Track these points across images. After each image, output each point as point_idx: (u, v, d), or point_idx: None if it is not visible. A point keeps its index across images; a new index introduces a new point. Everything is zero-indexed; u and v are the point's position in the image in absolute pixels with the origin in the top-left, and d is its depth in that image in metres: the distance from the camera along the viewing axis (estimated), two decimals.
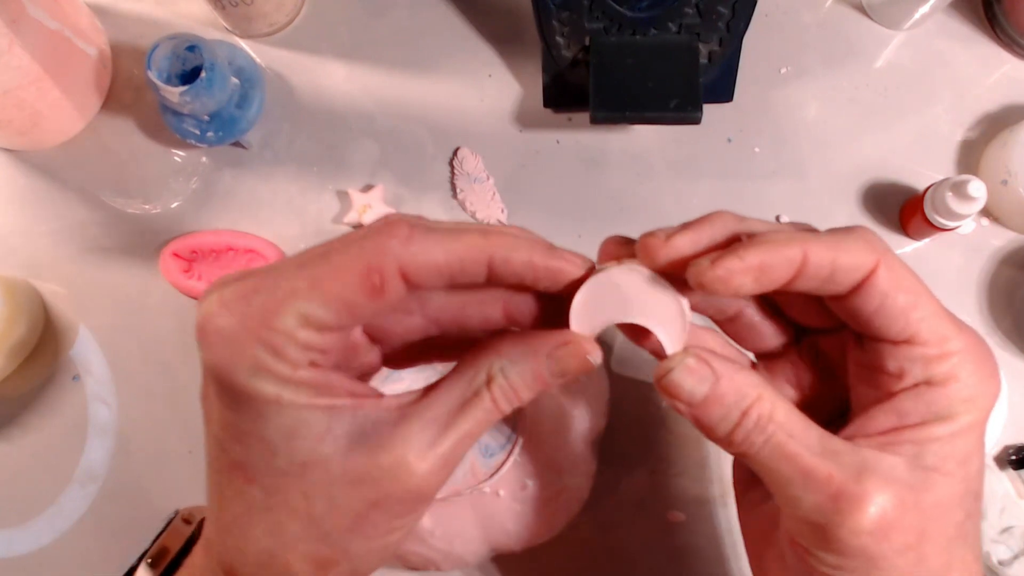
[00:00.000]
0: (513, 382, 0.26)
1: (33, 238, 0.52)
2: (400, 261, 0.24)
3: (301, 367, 0.24)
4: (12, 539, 0.48)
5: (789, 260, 0.25)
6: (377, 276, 0.23)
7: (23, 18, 0.46)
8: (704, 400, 0.26)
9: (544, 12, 0.45)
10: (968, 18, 0.52)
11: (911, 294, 0.25)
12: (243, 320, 0.23)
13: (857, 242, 0.25)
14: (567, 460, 0.41)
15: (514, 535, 0.41)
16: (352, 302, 0.24)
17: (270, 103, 0.53)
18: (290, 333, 0.23)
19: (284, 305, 0.23)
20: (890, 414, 0.26)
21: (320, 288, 0.23)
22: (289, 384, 0.24)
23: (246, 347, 0.23)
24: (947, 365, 0.26)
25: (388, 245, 0.24)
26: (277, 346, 0.23)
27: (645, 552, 0.46)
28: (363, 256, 0.24)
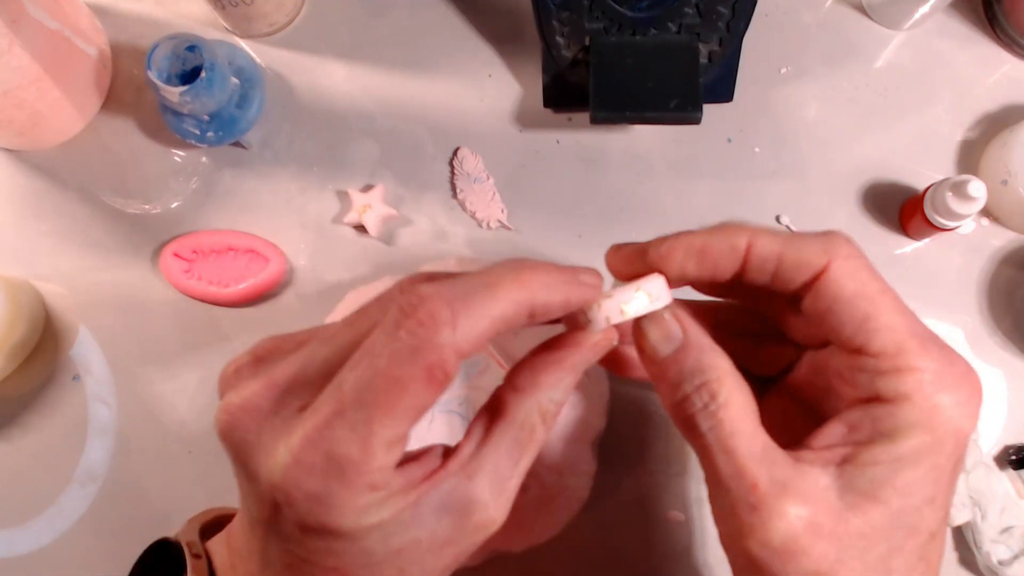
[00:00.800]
0: (561, 403, 0.27)
1: (33, 238, 0.52)
2: (455, 349, 0.23)
3: (394, 480, 0.24)
4: (12, 539, 0.48)
5: (732, 247, 0.26)
6: (441, 374, 0.23)
7: (23, 18, 0.46)
8: (664, 360, 0.27)
9: (544, 12, 0.45)
10: (968, 18, 0.52)
11: (868, 301, 0.25)
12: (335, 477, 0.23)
13: (814, 241, 0.26)
14: (567, 460, 0.41)
15: (514, 535, 0.41)
16: (423, 404, 0.24)
17: (270, 103, 0.53)
18: (382, 467, 0.23)
19: (369, 447, 0.23)
20: (840, 426, 0.26)
21: (392, 411, 0.23)
22: (387, 503, 0.24)
23: (347, 499, 0.23)
24: (900, 382, 0.24)
25: (440, 339, 0.23)
26: (376, 484, 0.23)
27: (645, 552, 0.46)
28: (420, 360, 0.23)
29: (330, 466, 0.23)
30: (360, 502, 0.23)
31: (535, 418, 0.27)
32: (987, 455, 0.46)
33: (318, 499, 0.23)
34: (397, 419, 0.23)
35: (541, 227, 0.50)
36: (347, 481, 0.23)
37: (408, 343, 0.23)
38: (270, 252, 0.49)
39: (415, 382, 0.23)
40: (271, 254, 0.49)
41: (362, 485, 0.23)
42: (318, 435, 0.23)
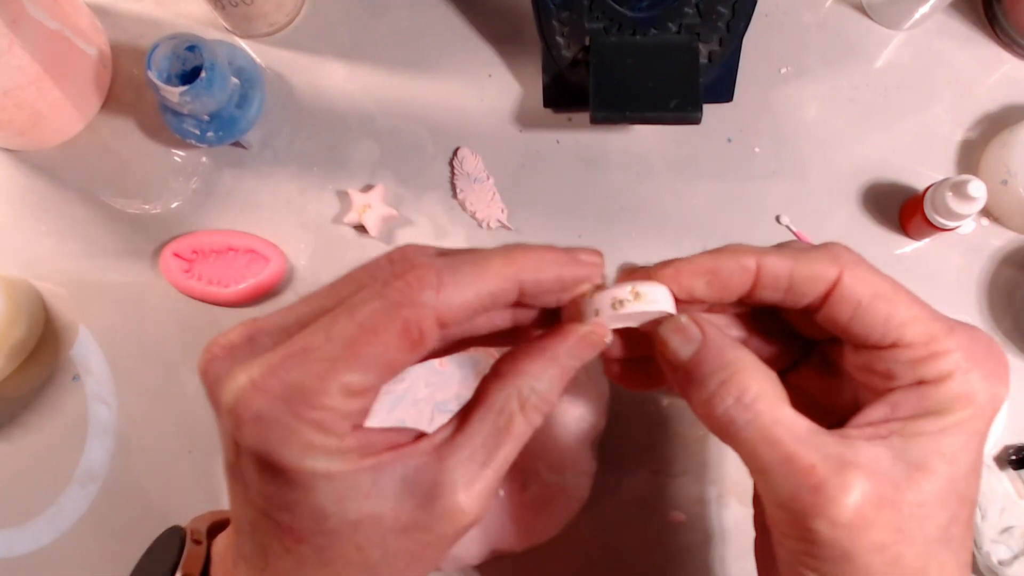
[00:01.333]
0: (544, 395, 0.26)
1: (33, 238, 0.52)
2: (436, 312, 0.23)
3: (347, 435, 0.24)
4: (12, 539, 0.48)
5: (743, 267, 0.26)
6: (416, 331, 0.23)
7: (23, 18, 0.46)
8: (688, 362, 0.27)
9: (544, 12, 0.45)
10: (968, 18, 0.52)
11: (887, 300, 0.26)
12: (285, 402, 0.23)
13: (820, 254, 0.27)
14: (567, 460, 0.41)
15: (514, 535, 0.41)
16: (392, 361, 0.23)
17: (270, 103, 0.53)
18: (335, 408, 0.23)
19: (325, 381, 0.23)
20: (883, 407, 0.26)
21: (358, 355, 0.23)
22: (338, 455, 0.23)
23: (293, 429, 0.23)
24: (939, 364, 0.26)
25: (422, 298, 0.23)
26: (325, 423, 0.23)
27: (645, 552, 0.46)
28: (399, 313, 0.23)
29: (283, 392, 0.23)
30: (306, 437, 0.23)
31: (513, 405, 0.26)
32: (987, 455, 0.46)
33: (264, 422, 0.23)
34: (362, 366, 0.23)
35: (541, 227, 0.50)
36: (295, 410, 0.23)
37: (390, 299, 0.23)
38: (270, 252, 0.49)
39: (388, 334, 0.23)
40: (271, 254, 0.49)
41: (310, 419, 0.23)
42: (279, 364, 0.23)
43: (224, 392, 0.24)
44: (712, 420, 0.26)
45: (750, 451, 0.26)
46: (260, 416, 0.23)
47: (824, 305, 0.27)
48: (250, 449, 0.23)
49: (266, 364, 0.23)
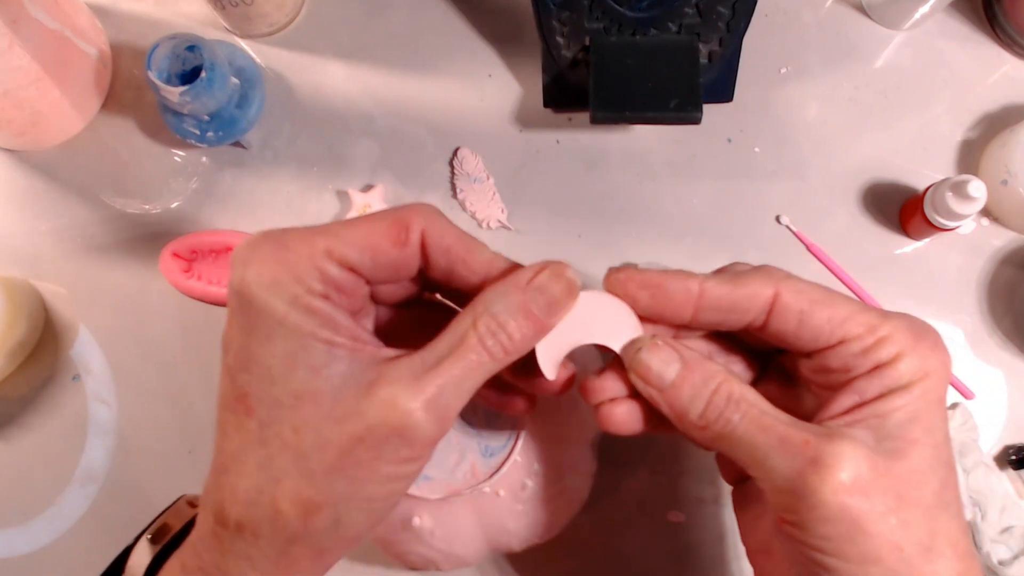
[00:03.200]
0: (500, 319, 0.26)
1: (33, 238, 0.52)
2: (425, 223, 0.27)
3: (315, 296, 0.25)
4: (12, 539, 0.48)
5: (687, 288, 0.28)
6: (404, 229, 0.27)
7: (23, 18, 0.46)
8: (673, 383, 0.28)
9: (544, 12, 0.45)
10: (968, 18, 0.52)
11: (824, 303, 0.28)
12: (276, 244, 0.26)
13: (755, 275, 0.29)
14: (567, 460, 0.41)
15: (514, 535, 0.41)
16: (377, 246, 0.26)
17: (270, 103, 0.53)
18: (314, 260, 0.25)
19: (316, 237, 0.26)
20: (850, 395, 0.28)
21: (351, 230, 0.26)
22: (298, 306, 0.25)
23: (269, 265, 0.25)
24: (888, 347, 0.27)
25: (418, 208, 0.28)
26: (298, 270, 0.25)
27: (645, 552, 0.46)
28: (394, 213, 0.27)
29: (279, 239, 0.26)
30: (279, 274, 0.25)
31: (467, 322, 0.26)
32: (987, 455, 0.46)
33: (254, 258, 0.25)
34: (349, 239, 0.26)
35: (541, 227, 0.50)
36: (280, 254, 0.25)
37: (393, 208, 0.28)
38: None
39: (380, 223, 0.27)
40: None
41: (287, 262, 0.25)
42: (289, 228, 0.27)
43: (239, 243, 0.26)
44: (707, 429, 0.28)
45: (748, 442, 0.27)
46: (252, 252, 0.26)
47: (769, 320, 0.28)
48: (233, 284, 0.26)
49: (279, 228, 0.27)
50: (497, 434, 0.40)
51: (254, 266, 0.25)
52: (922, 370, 0.27)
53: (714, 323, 0.29)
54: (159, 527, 0.33)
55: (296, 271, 0.25)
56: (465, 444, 0.40)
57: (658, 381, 0.28)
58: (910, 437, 0.26)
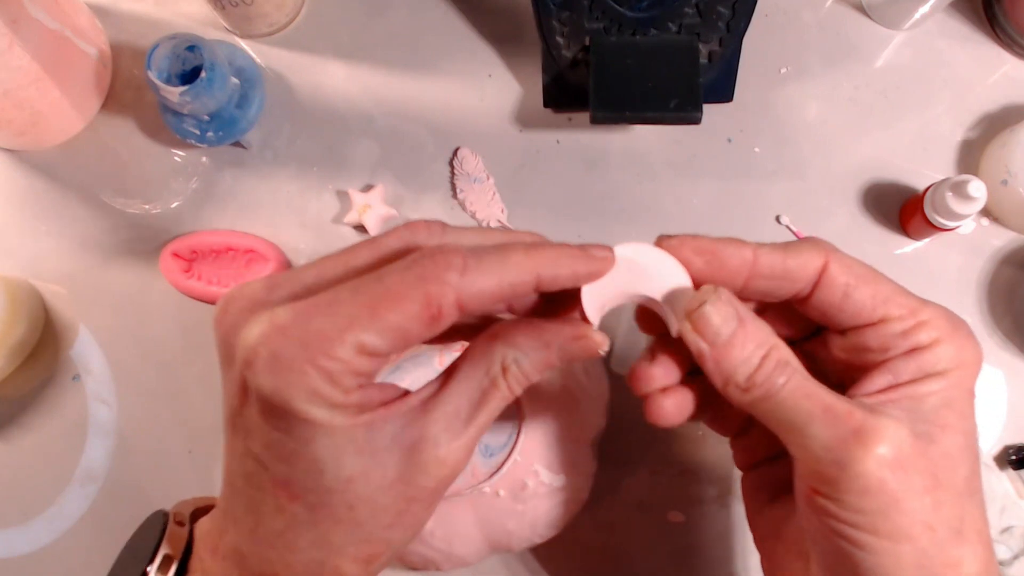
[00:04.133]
0: (526, 371, 0.27)
1: (33, 238, 0.52)
2: (458, 293, 0.24)
3: (352, 392, 0.24)
4: (12, 539, 0.48)
5: (741, 256, 0.28)
6: (436, 307, 0.24)
7: (23, 18, 0.46)
8: (727, 342, 0.27)
9: (544, 12, 0.45)
10: (968, 18, 0.52)
11: (869, 280, 0.28)
12: (302, 346, 0.23)
13: (805, 245, 0.28)
14: (567, 460, 0.41)
15: (514, 535, 0.41)
16: (408, 331, 0.24)
17: (270, 103, 0.53)
18: (347, 362, 0.24)
19: (343, 333, 0.23)
20: (884, 375, 0.28)
21: (378, 317, 0.24)
22: (340, 409, 0.24)
23: (304, 373, 0.23)
24: (928, 331, 0.27)
25: (446, 276, 0.24)
26: (334, 374, 0.24)
27: (645, 552, 0.46)
28: (423, 286, 0.24)
29: (302, 337, 0.24)
30: (314, 383, 0.24)
31: (496, 371, 0.27)
32: (987, 455, 0.46)
33: (279, 363, 0.24)
34: (380, 327, 0.24)
35: (541, 227, 0.50)
36: (310, 356, 0.23)
37: (417, 273, 0.24)
38: (270, 252, 0.49)
39: (409, 302, 0.24)
40: (271, 254, 0.49)
41: (322, 367, 0.23)
42: (304, 311, 0.24)
43: (243, 334, 0.24)
44: (750, 391, 0.27)
45: (791, 408, 0.26)
46: (276, 356, 0.23)
47: (815, 291, 0.28)
48: (259, 390, 0.24)
49: (291, 309, 0.24)
50: (497, 434, 0.40)
51: (283, 372, 0.24)
52: (959, 358, 0.27)
53: (764, 292, 0.29)
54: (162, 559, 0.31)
55: (331, 376, 0.24)
56: None
57: (714, 336, 0.27)
58: (944, 422, 0.26)
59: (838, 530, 0.26)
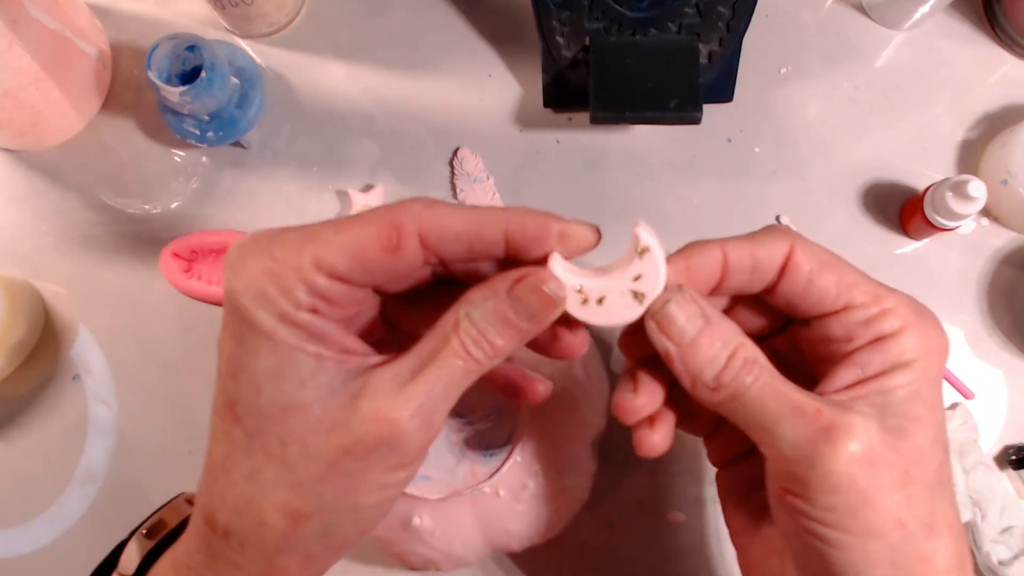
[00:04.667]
0: (480, 326, 0.26)
1: (33, 238, 0.52)
2: (420, 221, 0.25)
3: (302, 309, 0.25)
4: (12, 539, 0.48)
5: (712, 258, 0.28)
6: (395, 233, 0.25)
7: (23, 18, 0.46)
8: (693, 341, 0.26)
9: (544, 12, 0.45)
10: (968, 18, 0.52)
11: (833, 266, 0.28)
12: (264, 252, 0.25)
13: (769, 234, 0.28)
14: (567, 460, 0.41)
15: (514, 535, 0.41)
16: (367, 254, 0.25)
17: (270, 103, 0.53)
18: (301, 273, 0.24)
19: (304, 245, 0.24)
20: (851, 368, 0.27)
21: (339, 236, 0.24)
22: (285, 321, 0.25)
23: (258, 276, 0.24)
24: (891, 319, 0.27)
25: (411, 206, 0.25)
26: (286, 282, 0.24)
27: (645, 552, 0.46)
28: (385, 214, 0.25)
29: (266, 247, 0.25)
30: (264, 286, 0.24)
31: (448, 326, 0.26)
32: (987, 455, 0.46)
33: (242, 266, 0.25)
34: (338, 247, 0.24)
35: None
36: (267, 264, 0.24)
37: (385, 207, 0.25)
38: None
39: (370, 227, 0.25)
40: None
41: (274, 272, 0.24)
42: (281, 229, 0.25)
43: (231, 245, 0.26)
44: (719, 391, 0.27)
45: (759, 408, 0.26)
46: (243, 260, 0.25)
47: (781, 279, 0.28)
48: (224, 291, 0.26)
49: (273, 229, 0.26)
50: (497, 434, 0.40)
51: (243, 276, 0.25)
52: (924, 347, 0.27)
53: (737, 287, 0.29)
54: (154, 523, 0.33)
55: (283, 283, 0.24)
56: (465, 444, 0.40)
57: (679, 336, 0.27)
58: (914, 415, 0.26)
59: (810, 528, 0.26)
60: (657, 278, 0.27)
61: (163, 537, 0.33)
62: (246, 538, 0.26)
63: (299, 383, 0.25)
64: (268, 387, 0.25)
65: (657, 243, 0.27)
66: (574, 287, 0.26)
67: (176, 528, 0.33)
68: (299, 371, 0.25)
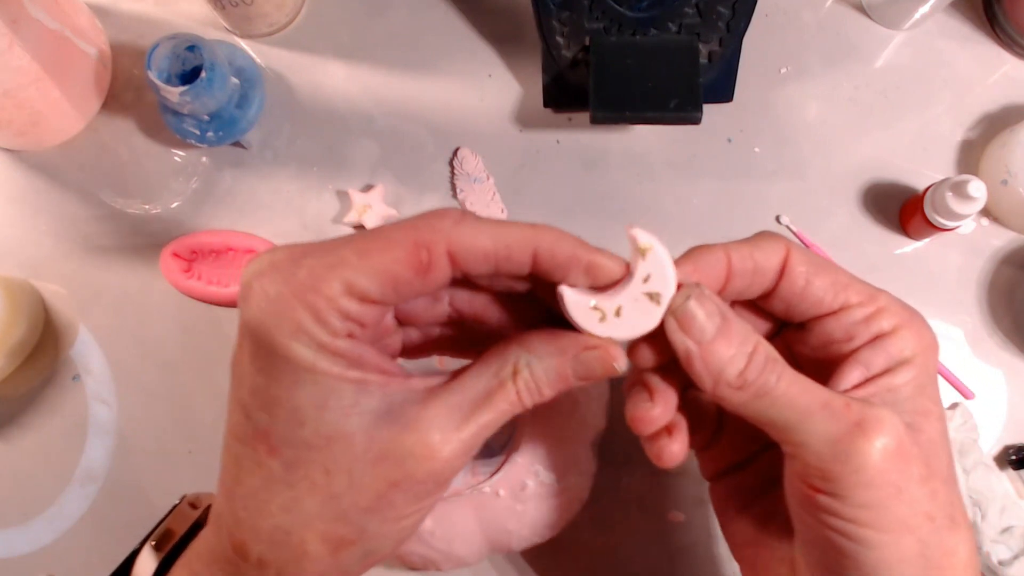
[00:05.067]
0: (538, 377, 0.26)
1: (33, 238, 0.52)
2: (449, 240, 0.24)
3: (340, 336, 0.24)
4: (12, 539, 0.48)
5: (716, 260, 0.28)
6: (425, 253, 0.24)
7: (23, 18, 0.46)
8: (713, 339, 0.26)
9: (544, 12, 0.45)
10: (968, 18, 0.52)
11: (826, 268, 0.28)
12: (290, 281, 0.23)
13: (765, 238, 0.28)
14: (567, 460, 0.41)
15: (514, 535, 0.41)
16: (398, 276, 0.24)
17: (270, 103, 0.53)
18: (334, 300, 0.23)
19: (332, 271, 0.23)
20: (857, 367, 0.27)
21: (368, 259, 0.24)
22: (326, 352, 0.24)
23: (290, 308, 0.23)
24: (887, 317, 0.27)
25: (439, 224, 0.24)
26: (320, 311, 0.23)
27: (645, 552, 0.46)
28: (414, 232, 0.24)
29: (293, 273, 0.24)
30: (299, 317, 0.23)
31: (507, 372, 0.26)
32: (987, 455, 0.46)
33: (268, 297, 0.23)
34: (368, 270, 0.24)
35: None
36: (298, 292, 0.23)
37: (412, 222, 0.24)
38: None
39: (399, 248, 0.24)
40: None
41: (308, 303, 0.23)
42: (298, 252, 0.24)
43: (246, 272, 0.24)
44: (744, 389, 0.26)
45: (786, 404, 0.26)
46: (265, 291, 0.24)
47: (780, 282, 0.28)
48: (248, 324, 0.24)
49: (288, 251, 0.24)
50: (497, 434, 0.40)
51: (270, 309, 0.23)
52: (921, 343, 0.27)
53: (738, 291, 0.28)
54: (163, 532, 0.32)
55: (317, 312, 0.23)
56: None
57: (700, 334, 0.26)
58: (923, 410, 0.27)
59: (840, 528, 0.25)
60: (666, 272, 0.26)
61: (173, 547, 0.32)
62: (284, 568, 0.25)
63: (343, 412, 0.24)
64: (312, 418, 0.24)
65: (657, 240, 0.26)
66: (588, 306, 0.26)
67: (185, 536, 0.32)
68: (343, 400, 0.24)
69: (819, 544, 0.27)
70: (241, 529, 0.25)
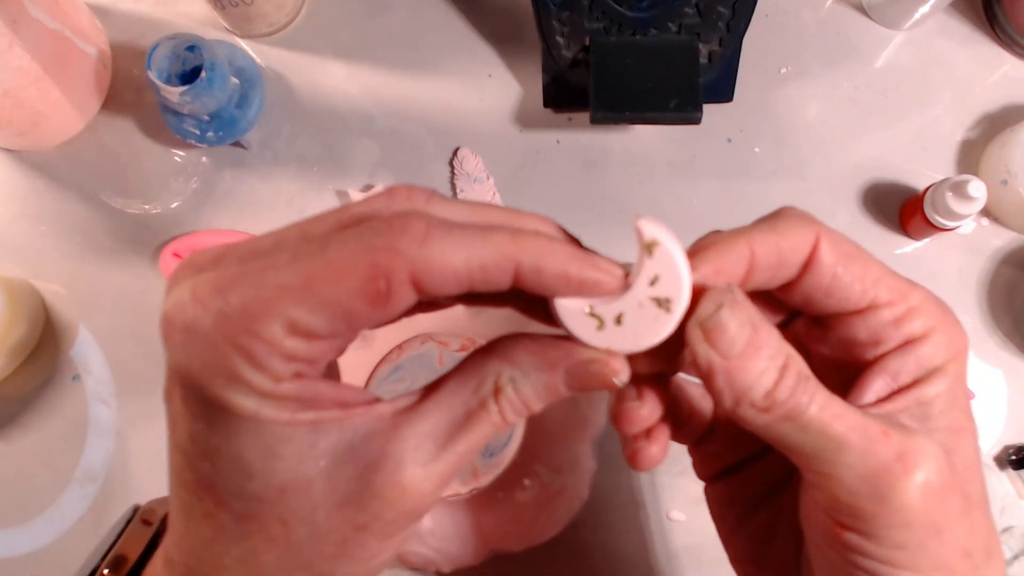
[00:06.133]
0: (524, 395, 0.23)
1: (33, 238, 0.52)
2: (413, 265, 0.19)
3: (284, 380, 0.20)
4: (12, 539, 0.48)
5: (739, 254, 0.24)
6: (383, 281, 0.19)
7: (23, 18, 0.46)
8: (742, 352, 0.22)
9: (544, 12, 0.45)
10: (968, 18, 0.52)
11: (857, 259, 0.24)
12: (220, 320, 0.19)
13: (791, 220, 0.25)
14: (567, 460, 0.41)
15: (514, 535, 0.41)
16: (350, 309, 0.20)
17: (270, 103, 0.53)
18: (274, 342, 0.19)
19: (269, 307, 0.19)
20: (882, 377, 0.24)
21: (313, 290, 0.19)
22: (270, 399, 0.20)
23: (221, 353, 0.19)
24: (920, 319, 0.24)
25: (400, 244, 0.19)
26: (258, 357, 0.19)
27: (645, 552, 0.46)
28: (369, 255, 0.19)
29: (219, 308, 0.19)
30: (233, 364, 0.19)
31: (487, 390, 0.22)
32: (987, 455, 0.46)
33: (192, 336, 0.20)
34: (313, 303, 0.19)
35: None
36: (227, 332, 0.19)
37: (366, 239, 0.20)
38: None
39: (351, 277, 0.19)
40: None
41: (242, 346, 0.19)
42: (227, 280, 0.20)
43: (166, 300, 0.21)
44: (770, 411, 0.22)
45: (818, 430, 0.22)
46: (191, 329, 0.20)
47: (804, 275, 0.24)
48: (175, 368, 0.21)
49: (213, 277, 0.20)
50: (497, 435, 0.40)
51: (198, 350, 0.20)
52: (953, 348, 0.24)
53: (756, 285, 0.25)
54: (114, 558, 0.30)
55: (255, 358, 0.19)
56: None
57: (727, 348, 0.22)
58: (956, 426, 0.23)
59: (869, 568, 0.22)
60: (679, 275, 0.22)
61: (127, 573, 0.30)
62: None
63: (297, 460, 0.21)
64: (259, 470, 0.21)
65: (667, 233, 0.23)
66: (583, 311, 0.22)
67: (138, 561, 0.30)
68: (296, 446, 0.21)
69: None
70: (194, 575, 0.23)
